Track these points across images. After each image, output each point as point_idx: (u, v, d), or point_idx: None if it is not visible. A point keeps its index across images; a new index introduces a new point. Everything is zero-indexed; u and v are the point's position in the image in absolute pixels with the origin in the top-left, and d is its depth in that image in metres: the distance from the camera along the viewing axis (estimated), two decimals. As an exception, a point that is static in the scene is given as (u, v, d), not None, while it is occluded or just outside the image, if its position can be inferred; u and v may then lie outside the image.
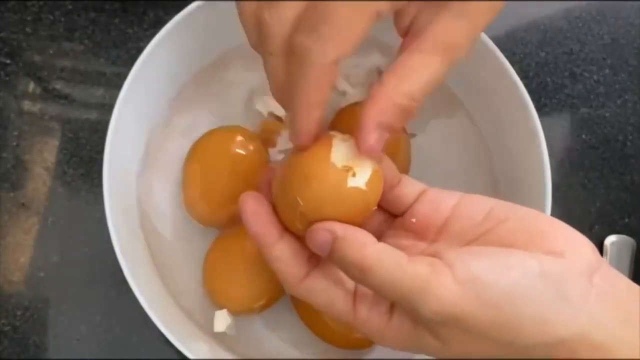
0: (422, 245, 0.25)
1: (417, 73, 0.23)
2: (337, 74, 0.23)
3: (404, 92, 0.22)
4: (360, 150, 0.23)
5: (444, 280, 0.21)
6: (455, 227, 0.25)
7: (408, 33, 0.24)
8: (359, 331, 0.24)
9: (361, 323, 0.24)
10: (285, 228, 0.25)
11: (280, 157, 0.40)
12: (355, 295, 0.24)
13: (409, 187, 0.27)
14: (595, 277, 0.22)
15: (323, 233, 0.23)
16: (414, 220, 0.26)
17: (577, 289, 0.21)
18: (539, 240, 0.22)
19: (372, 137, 0.23)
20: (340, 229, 0.22)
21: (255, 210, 0.24)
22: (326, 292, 0.24)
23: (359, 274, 0.22)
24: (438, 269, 0.21)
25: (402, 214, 0.27)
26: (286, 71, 0.23)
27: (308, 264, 0.24)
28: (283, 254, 0.24)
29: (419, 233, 0.26)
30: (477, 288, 0.21)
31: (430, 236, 0.25)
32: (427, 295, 0.21)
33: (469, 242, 0.24)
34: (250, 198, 0.24)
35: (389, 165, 0.26)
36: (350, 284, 0.24)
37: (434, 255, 0.22)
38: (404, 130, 0.26)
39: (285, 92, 0.24)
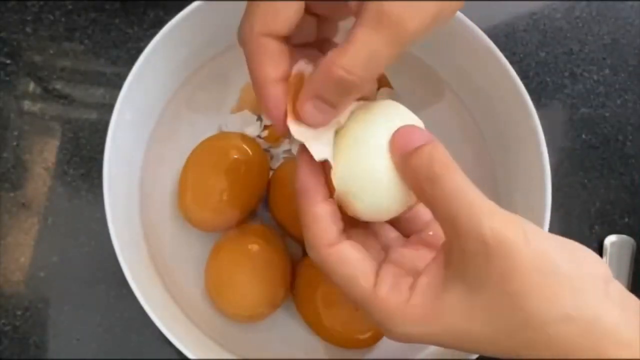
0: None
1: (356, 47, 0.22)
2: (279, 51, 0.23)
3: (341, 65, 0.22)
4: (302, 119, 0.24)
5: (508, 213, 0.22)
6: None
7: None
8: (372, 313, 0.24)
9: (379, 302, 0.23)
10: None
11: (284, 156, 0.40)
12: (377, 274, 0.24)
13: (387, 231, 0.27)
14: (610, 286, 0.22)
15: (420, 131, 0.24)
16: (431, 233, 0.26)
17: (600, 288, 0.21)
18: None
19: (307, 107, 0.23)
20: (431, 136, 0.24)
21: (311, 164, 0.24)
22: (353, 263, 0.24)
23: (441, 168, 0.22)
24: (500, 208, 0.22)
25: (415, 232, 0.27)
26: None
27: (341, 234, 0.25)
28: (324, 214, 0.24)
29: (437, 246, 0.26)
30: (533, 236, 0.21)
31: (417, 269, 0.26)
32: (494, 216, 0.21)
33: None
34: (305, 153, 0.24)
35: None
36: (375, 263, 0.24)
37: None
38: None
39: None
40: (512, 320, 0.21)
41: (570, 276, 0.21)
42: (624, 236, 0.43)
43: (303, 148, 0.24)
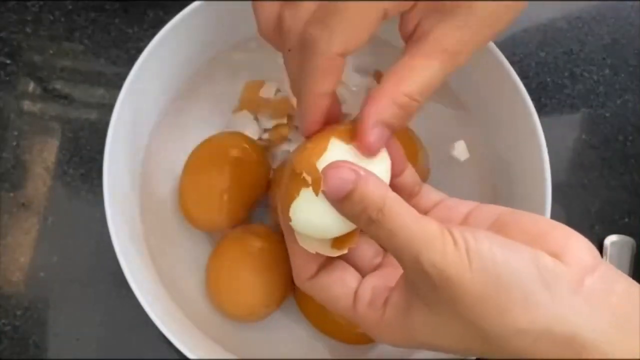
0: None
1: (416, 74, 0.24)
2: (342, 67, 0.24)
3: (403, 91, 0.23)
4: (361, 147, 0.24)
5: (449, 242, 0.21)
6: None
7: (411, 37, 0.25)
8: (359, 327, 0.26)
9: (360, 319, 0.25)
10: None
11: (284, 156, 0.40)
12: (355, 294, 0.26)
13: (430, 195, 0.28)
14: (588, 279, 0.21)
15: (347, 171, 0.22)
16: (375, 279, 0.27)
17: (566, 286, 0.21)
18: (539, 242, 0.22)
19: (373, 134, 0.23)
20: (362, 170, 0.23)
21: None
22: (331, 289, 0.26)
23: (377, 214, 0.22)
24: (445, 232, 0.22)
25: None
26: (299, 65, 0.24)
27: (320, 264, 0.26)
28: (300, 250, 0.26)
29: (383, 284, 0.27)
30: (475, 258, 0.21)
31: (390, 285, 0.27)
32: (433, 247, 0.21)
33: None
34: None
35: (412, 173, 0.27)
36: (352, 284, 0.26)
37: None
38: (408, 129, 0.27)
39: (296, 84, 0.25)
40: (473, 337, 0.22)
41: (523, 287, 0.21)
42: (624, 236, 0.43)
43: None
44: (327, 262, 0.27)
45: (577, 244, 0.23)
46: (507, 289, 0.21)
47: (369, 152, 0.24)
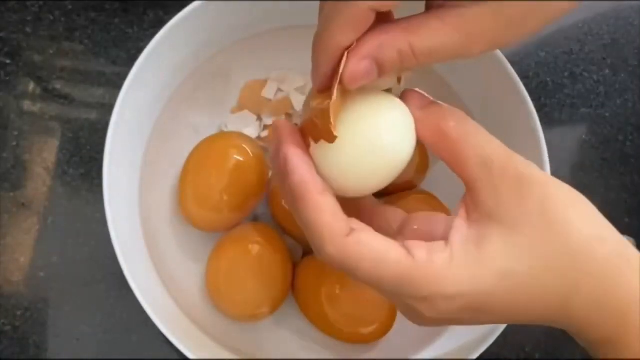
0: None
1: (430, 33, 0.22)
2: (368, 24, 0.22)
3: (410, 41, 0.22)
4: (344, 75, 0.22)
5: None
6: None
7: (436, 2, 0.24)
8: (414, 286, 0.22)
9: (421, 269, 0.22)
10: None
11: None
12: (407, 248, 0.22)
13: (393, 214, 0.27)
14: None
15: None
16: (415, 227, 0.26)
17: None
18: None
19: (362, 64, 0.22)
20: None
21: (302, 157, 0.23)
22: (378, 244, 0.22)
23: (465, 117, 0.24)
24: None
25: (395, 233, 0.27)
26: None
27: (349, 219, 0.23)
28: (330, 202, 0.22)
29: (429, 238, 0.25)
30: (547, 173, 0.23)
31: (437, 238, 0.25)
32: (516, 154, 0.23)
33: None
34: (294, 146, 0.23)
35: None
36: (392, 240, 0.23)
37: None
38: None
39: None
40: (556, 248, 0.22)
41: (587, 204, 0.23)
42: (624, 236, 0.43)
43: (289, 147, 0.23)
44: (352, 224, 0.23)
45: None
46: (580, 200, 0.23)
47: (349, 81, 0.22)
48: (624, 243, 0.22)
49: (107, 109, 0.34)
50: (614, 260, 0.22)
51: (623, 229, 0.43)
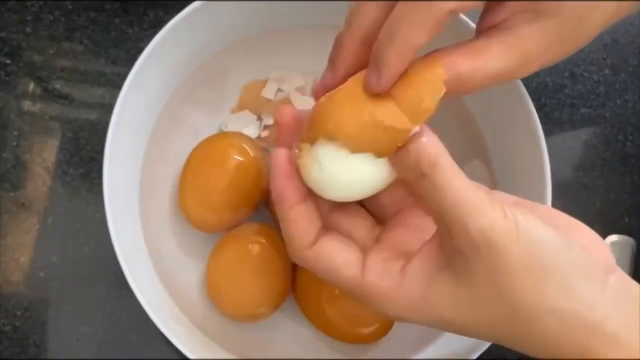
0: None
1: (491, 58, 0.22)
2: (441, 27, 0.22)
3: (472, 66, 0.22)
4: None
5: (499, 211, 0.21)
6: None
7: (491, 28, 0.24)
8: (362, 299, 0.24)
9: (369, 289, 0.23)
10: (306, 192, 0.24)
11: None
12: (364, 263, 0.24)
13: (389, 198, 0.27)
14: (611, 277, 0.22)
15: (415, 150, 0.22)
16: (394, 233, 0.26)
17: (596, 281, 0.21)
18: (565, 234, 0.22)
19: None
20: (428, 133, 0.22)
21: (284, 168, 0.24)
22: (335, 257, 0.24)
23: (429, 168, 0.21)
24: (496, 202, 0.21)
25: (387, 220, 0.27)
26: (377, 17, 0.23)
27: (318, 232, 0.24)
28: (300, 217, 0.24)
29: (420, 228, 0.26)
30: (523, 231, 0.21)
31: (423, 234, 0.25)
32: (483, 213, 0.21)
33: None
34: (283, 154, 0.24)
35: None
36: (357, 253, 0.24)
37: None
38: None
39: (369, 37, 0.23)
40: (499, 314, 0.22)
41: (563, 270, 0.21)
42: (624, 236, 0.43)
43: (276, 152, 0.24)
44: (325, 231, 0.25)
45: (601, 244, 0.23)
46: (549, 268, 0.21)
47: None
48: (583, 313, 0.21)
49: (107, 109, 0.34)
50: (563, 334, 0.21)
51: (623, 229, 0.43)
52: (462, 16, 0.34)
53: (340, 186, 0.24)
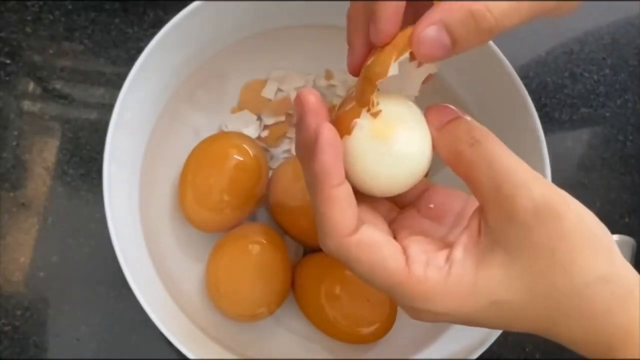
0: (443, 229, 0.25)
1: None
2: None
3: (484, 2, 0.20)
4: (413, 46, 0.21)
5: (546, 180, 0.22)
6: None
7: None
8: (405, 294, 0.22)
9: (415, 282, 0.22)
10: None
11: (284, 156, 0.40)
12: (406, 253, 0.22)
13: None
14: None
15: (454, 109, 0.23)
16: (432, 205, 0.25)
17: (617, 252, 0.22)
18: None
19: (429, 31, 0.21)
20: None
21: (334, 142, 0.22)
22: (379, 247, 0.22)
23: (481, 134, 0.22)
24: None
25: (408, 205, 0.26)
26: None
27: (358, 220, 0.22)
28: (342, 197, 0.22)
29: (436, 219, 0.25)
30: (572, 204, 0.22)
31: (448, 223, 0.25)
32: (537, 179, 0.21)
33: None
34: (329, 130, 0.22)
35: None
36: (397, 244, 0.23)
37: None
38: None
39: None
40: (553, 285, 0.21)
41: (606, 239, 0.22)
42: (624, 236, 0.43)
43: (323, 125, 0.22)
44: (360, 218, 0.23)
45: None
46: (597, 236, 0.21)
47: (418, 50, 0.21)
48: (632, 282, 0.22)
49: (107, 109, 0.34)
50: (609, 301, 0.21)
51: (623, 229, 0.43)
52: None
53: (390, 174, 0.23)
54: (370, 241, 0.22)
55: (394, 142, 0.23)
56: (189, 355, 0.31)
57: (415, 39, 0.21)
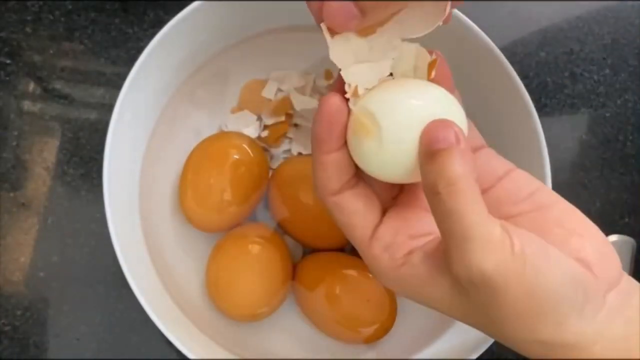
0: (430, 223, 0.25)
1: None
2: None
3: None
4: (325, 17, 0.22)
5: (508, 249, 0.20)
6: (496, 196, 0.24)
7: None
8: (365, 260, 0.24)
9: (370, 257, 0.24)
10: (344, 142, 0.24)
11: (284, 156, 0.40)
12: (375, 230, 0.24)
13: (472, 139, 0.26)
14: (611, 293, 0.22)
15: (449, 131, 0.21)
16: None
17: (592, 303, 0.21)
18: (573, 243, 0.22)
19: (338, 4, 0.21)
20: (462, 136, 0.21)
21: (331, 112, 0.23)
22: (350, 214, 0.24)
23: (444, 187, 0.21)
24: (506, 239, 0.21)
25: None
26: None
27: (346, 182, 0.24)
28: (331, 163, 0.24)
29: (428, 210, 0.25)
30: (529, 272, 0.20)
31: None
32: (489, 253, 0.20)
33: (505, 217, 0.23)
34: (335, 99, 0.23)
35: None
36: (373, 217, 0.24)
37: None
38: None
39: None
40: (489, 329, 0.22)
41: (560, 309, 0.21)
42: (624, 236, 0.43)
43: (328, 96, 0.23)
44: (353, 183, 0.24)
45: (608, 257, 0.22)
46: (546, 309, 0.21)
47: (329, 21, 0.22)
48: (569, 345, 0.21)
49: (107, 109, 0.34)
50: (544, 356, 0.22)
51: (623, 229, 0.43)
52: (458, 12, 0.34)
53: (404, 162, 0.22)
54: (345, 207, 0.24)
55: (381, 140, 0.22)
56: (189, 355, 0.31)
57: (325, 11, 0.22)
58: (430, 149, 0.21)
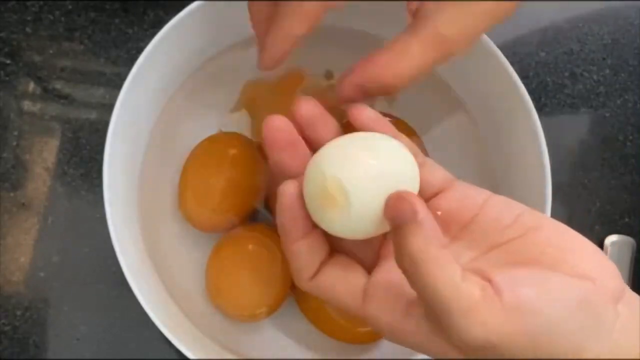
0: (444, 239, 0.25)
1: (410, 57, 0.24)
2: (321, 16, 0.25)
3: (394, 73, 0.24)
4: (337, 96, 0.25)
5: (493, 308, 0.20)
6: (480, 227, 0.24)
7: (414, 17, 0.25)
8: (367, 324, 0.24)
9: (369, 319, 0.23)
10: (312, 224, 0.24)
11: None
12: (364, 291, 0.24)
13: (435, 174, 0.26)
14: (620, 304, 0.21)
15: (404, 205, 0.21)
16: (439, 213, 0.25)
17: (607, 317, 0.21)
18: (568, 260, 0.21)
19: (348, 89, 0.25)
20: (423, 210, 0.21)
21: (291, 203, 0.23)
22: (333, 286, 0.24)
23: (410, 266, 0.20)
24: (488, 295, 0.20)
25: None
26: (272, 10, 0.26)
27: (322, 262, 0.24)
28: (303, 251, 0.24)
29: (441, 227, 0.24)
30: (522, 317, 0.20)
31: (452, 232, 0.24)
32: (473, 320, 0.20)
33: (492, 247, 0.23)
34: (292, 188, 0.23)
35: (408, 143, 0.25)
36: (358, 280, 0.24)
37: (477, 272, 0.21)
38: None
39: (264, 23, 0.27)
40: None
41: (570, 336, 0.20)
42: (624, 236, 0.43)
43: (285, 186, 0.23)
44: (330, 256, 0.25)
45: (607, 267, 0.22)
46: (555, 344, 0.20)
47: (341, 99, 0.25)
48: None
49: (107, 109, 0.34)
50: None
51: (623, 229, 0.43)
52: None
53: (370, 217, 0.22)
54: (326, 283, 0.24)
55: (349, 205, 0.22)
56: (189, 355, 0.31)
57: (340, 93, 0.26)
58: (393, 226, 0.21)
